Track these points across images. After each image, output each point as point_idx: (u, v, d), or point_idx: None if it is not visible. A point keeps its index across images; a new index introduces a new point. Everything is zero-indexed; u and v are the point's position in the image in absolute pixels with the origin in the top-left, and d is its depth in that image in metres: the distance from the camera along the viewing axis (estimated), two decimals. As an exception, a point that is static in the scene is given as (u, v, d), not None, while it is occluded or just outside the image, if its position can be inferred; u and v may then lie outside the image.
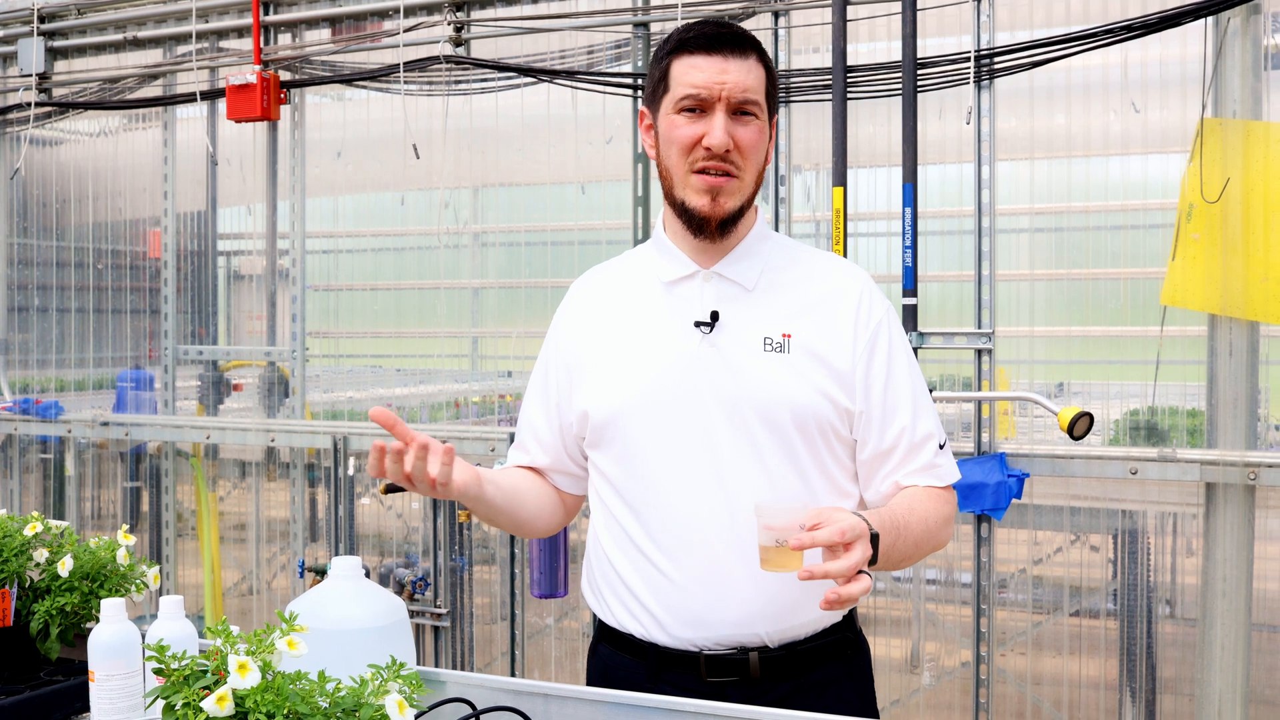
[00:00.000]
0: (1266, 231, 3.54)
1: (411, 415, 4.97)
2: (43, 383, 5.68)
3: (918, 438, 2.03)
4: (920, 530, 1.97)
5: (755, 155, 2.00)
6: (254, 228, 5.23)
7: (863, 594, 1.72)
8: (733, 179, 1.98)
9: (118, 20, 5.28)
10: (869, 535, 1.77)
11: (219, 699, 1.38)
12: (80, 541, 2.23)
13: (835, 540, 1.71)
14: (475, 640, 4.57)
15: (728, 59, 1.96)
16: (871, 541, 1.79)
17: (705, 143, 1.95)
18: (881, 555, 1.85)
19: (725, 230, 2.01)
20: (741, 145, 1.97)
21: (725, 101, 1.95)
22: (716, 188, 1.97)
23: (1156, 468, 3.67)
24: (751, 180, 2.01)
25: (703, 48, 1.97)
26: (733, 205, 1.99)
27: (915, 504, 2.00)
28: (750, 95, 1.97)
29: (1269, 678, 3.75)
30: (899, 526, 1.91)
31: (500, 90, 4.58)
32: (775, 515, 1.77)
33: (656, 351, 2.04)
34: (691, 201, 1.99)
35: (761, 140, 2.00)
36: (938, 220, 4.03)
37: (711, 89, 1.95)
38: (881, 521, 1.87)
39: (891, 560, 1.92)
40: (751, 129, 1.98)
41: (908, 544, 1.94)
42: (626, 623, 2.08)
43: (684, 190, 2.00)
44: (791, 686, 2.00)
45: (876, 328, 2.04)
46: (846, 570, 1.70)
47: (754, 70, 1.99)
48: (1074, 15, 3.81)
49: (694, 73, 1.97)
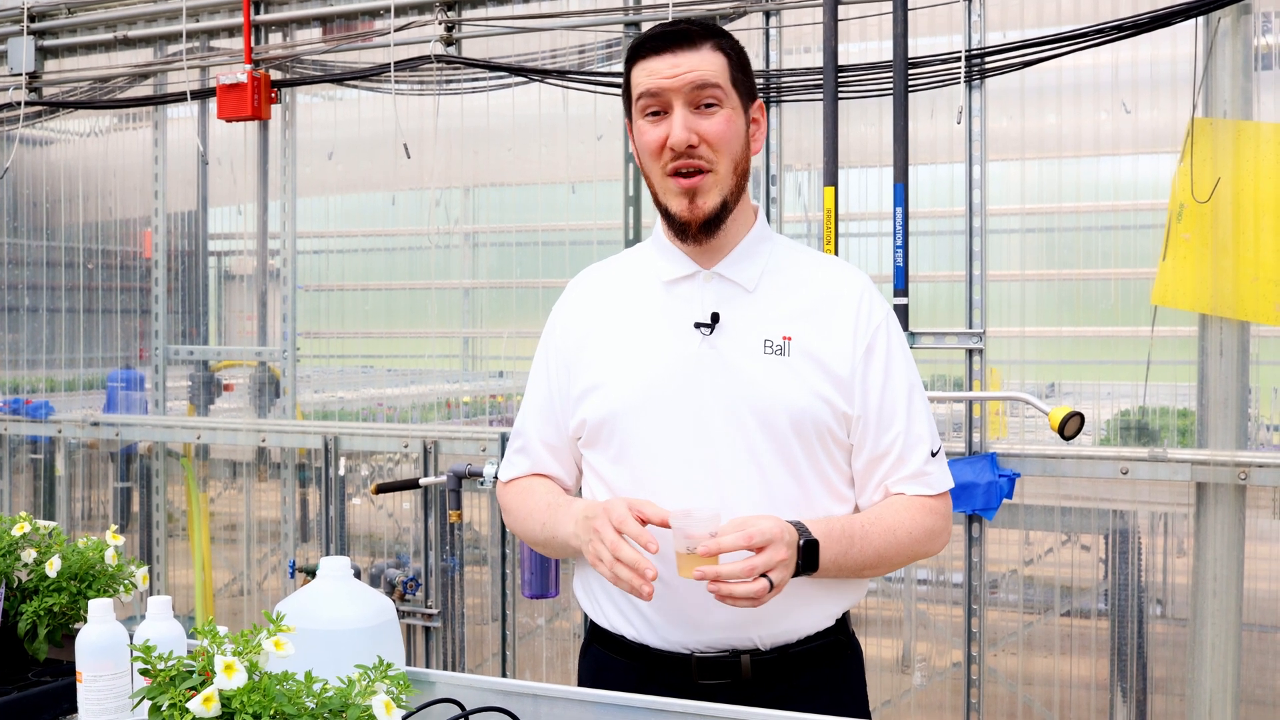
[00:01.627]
0: (1257, 231, 3.54)
1: (403, 416, 4.97)
2: (33, 383, 5.67)
3: (910, 444, 2.02)
4: (884, 539, 1.97)
5: (727, 145, 1.96)
6: (245, 227, 5.22)
7: (753, 595, 1.75)
8: (706, 174, 1.95)
9: (108, 19, 5.27)
10: (793, 541, 1.81)
11: (205, 700, 1.38)
12: (69, 542, 2.22)
13: (741, 545, 1.75)
14: (466, 641, 4.56)
15: (678, 54, 1.94)
16: (808, 548, 1.83)
17: (669, 143, 1.93)
18: (830, 563, 1.88)
19: (710, 231, 1.99)
20: (708, 136, 1.94)
21: (681, 95, 1.93)
22: (692, 189, 1.95)
23: (1147, 468, 3.68)
24: (729, 172, 1.97)
25: (653, 50, 1.96)
26: (711, 204, 1.97)
27: (885, 514, 2.00)
28: (707, 80, 1.94)
29: (1259, 677, 3.76)
30: (852, 536, 1.93)
31: (491, 90, 4.57)
32: (691, 523, 1.78)
33: (656, 352, 2.03)
34: (672, 207, 1.98)
35: (731, 128, 1.96)
36: (929, 220, 4.03)
37: (663, 85, 1.94)
38: (829, 530, 1.90)
39: (846, 568, 1.94)
40: (716, 119, 1.95)
41: (866, 554, 1.95)
42: (618, 624, 2.07)
43: (664, 196, 1.99)
44: (783, 690, 1.99)
45: (875, 332, 2.02)
46: (741, 572, 1.74)
47: (709, 58, 1.96)
48: (1065, 15, 3.82)
49: (646, 76, 1.96)
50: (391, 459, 4.86)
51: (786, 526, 1.81)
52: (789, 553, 1.79)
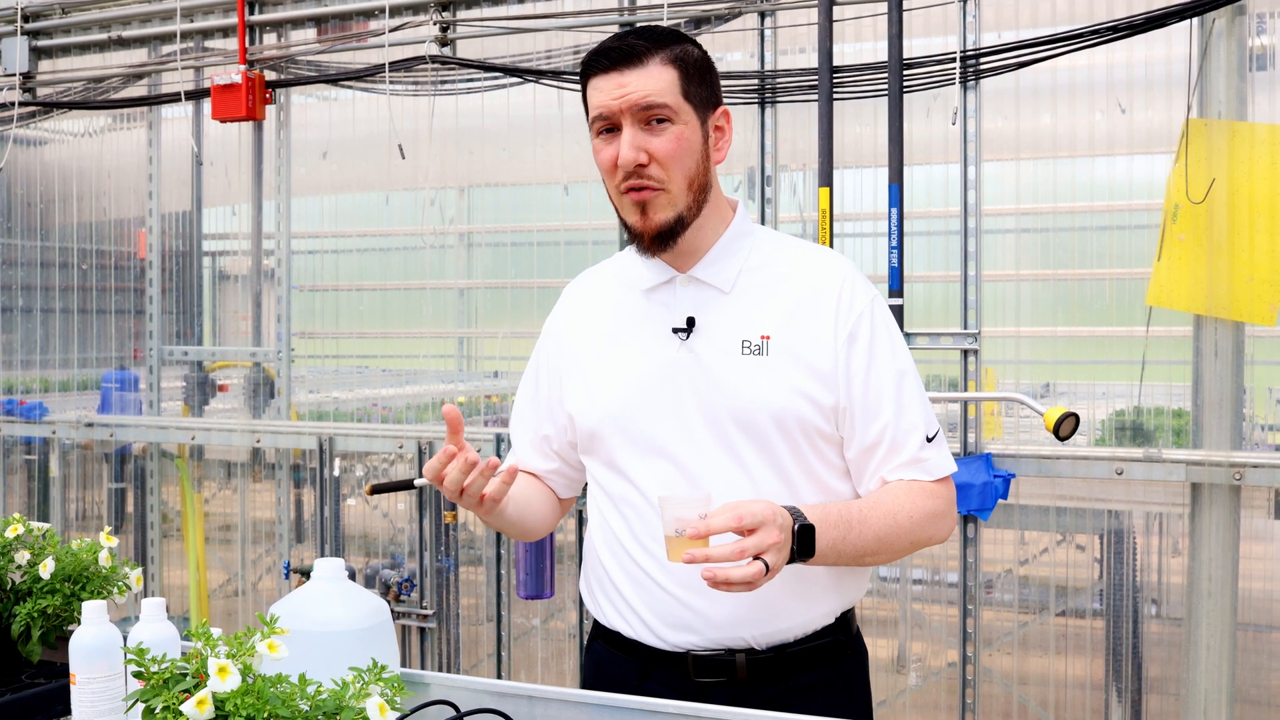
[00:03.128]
0: (1251, 232, 3.54)
1: (398, 416, 4.96)
2: (27, 383, 5.66)
3: (901, 432, 1.99)
4: (884, 524, 1.94)
5: (678, 162, 1.94)
6: (239, 228, 5.21)
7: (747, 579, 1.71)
8: (656, 191, 1.94)
9: (102, 20, 5.26)
10: (785, 525, 1.78)
11: (199, 702, 1.37)
12: (63, 543, 2.22)
13: (731, 526, 1.72)
14: (462, 641, 4.56)
15: (624, 72, 1.93)
16: (804, 533, 1.80)
17: (618, 162, 1.93)
18: (828, 548, 1.86)
19: (663, 244, 1.98)
20: (657, 155, 1.93)
21: (629, 115, 1.92)
22: (642, 202, 1.95)
23: (1142, 468, 3.68)
24: (682, 189, 1.96)
25: (601, 68, 1.95)
26: (664, 218, 1.95)
27: (883, 498, 1.98)
28: (653, 100, 1.92)
29: (1254, 677, 3.76)
30: (850, 521, 1.90)
31: (486, 90, 4.57)
32: (678, 505, 1.76)
33: (636, 359, 2.04)
34: (628, 219, 1.98)
35: (681, 146, 1.94)
36: (924, 221, 4.03)
37: (611, 106, 1.93)
38: (825, 515, 1.87)
39: (846, 554, 1.91)
40: (665, 136, 1.93)
41: (865, 539, 1.92)
42: (616, 623, 2.08)
43: (621, 210, 2.00)
44: (779, 689, 1.99)
45: (856, 321, 1.99)
46: (731, 554, 1.71)
47: (656, 74, 1.93)
48: (1060, 16, 3.82)
49: (596, 95, 1.95)
50: (386, 459, 4.85)
51: (779, 509, 1.79)
52: (782, 535, 1.76)
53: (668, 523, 1.77)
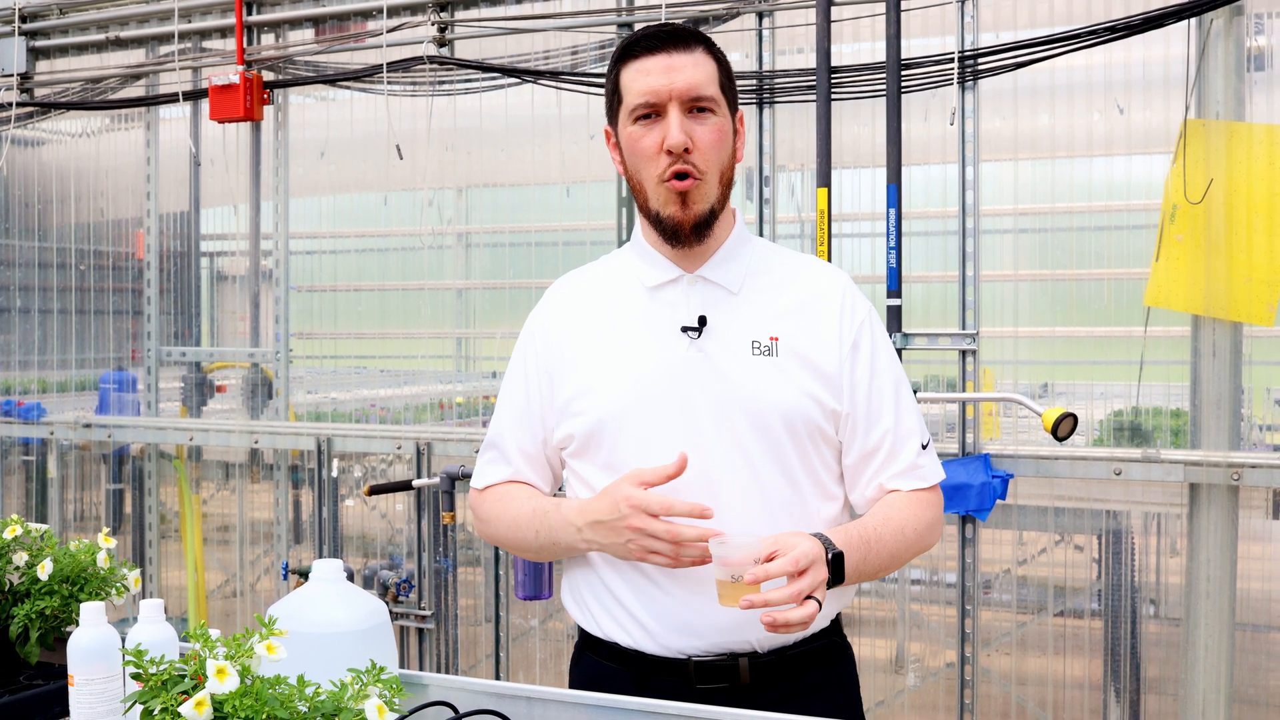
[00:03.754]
0: (1249, 232, 3.55)
1: (396, 417, 4.96)
2: (25, 384, 5.65)
3: (900, 439, 2.03)
4: (895, 541, 1.97)
5: (716, 154, 1.96)
6: (237, 228, 5.21)
7: (806, 619, 1.74)
8: (696, 180, 1.95)
9: (100, 20, 5.26)
10: (825, 558, 1.80)
11: (197, 704, 1.37)
12: (61, 544, 2.22)
13: (789, 570, 1.75)
14: (460, 642, 4.55)
15: (673, 55, 1.94)
16: (835, 561, 1.82)
17: (666, 145, 1.92)
18: (852, 571, 1.88)
19: (700, 235, 1.99)
20: (700, 144, 1.94)
21: (677, 100, 1.93)
22: (684, 192, 1.95)
23: (1140, 468, 3.68)
24: (716, 180, 1.98)
25: (647, 50, 1.95)
26: (702, 208, 1.97)
27: (892, 513, 2.00)
28: (703, 90, 1.94)
29: (1252, 677, 3.76)
30: (869, 541, 1.93)
31: (484, 91, 4.57)
32: (731, 550, 1.78)
33: (643, 357, 2.02)
34: (665, 211, 1.98)
35: (721, 138, 1.97)
36: (922, 221, 4.03)
37: (659, 91, 1.93)
38: (849, 539, 1.89)
39: (865, 573, 1.94)
40: (709, 126, 1.95)
41: (882, 556, 1.95)
42: (613, 632, 2.06)
43: (656, 202, 1.98)
44: (780, 692, 1.99)
45: (859, 329, 2.03)
46: (789, 597, 1.73)
47: (703, 64, 1.95)
48: (1058, 16, 3.82)
49: (642, 77, 1.95)
50: (385, 460, 4.85)
51: (818, 543, 1.81)
52: (827, 572, 1.80)
53: (718, 568, 1.79)
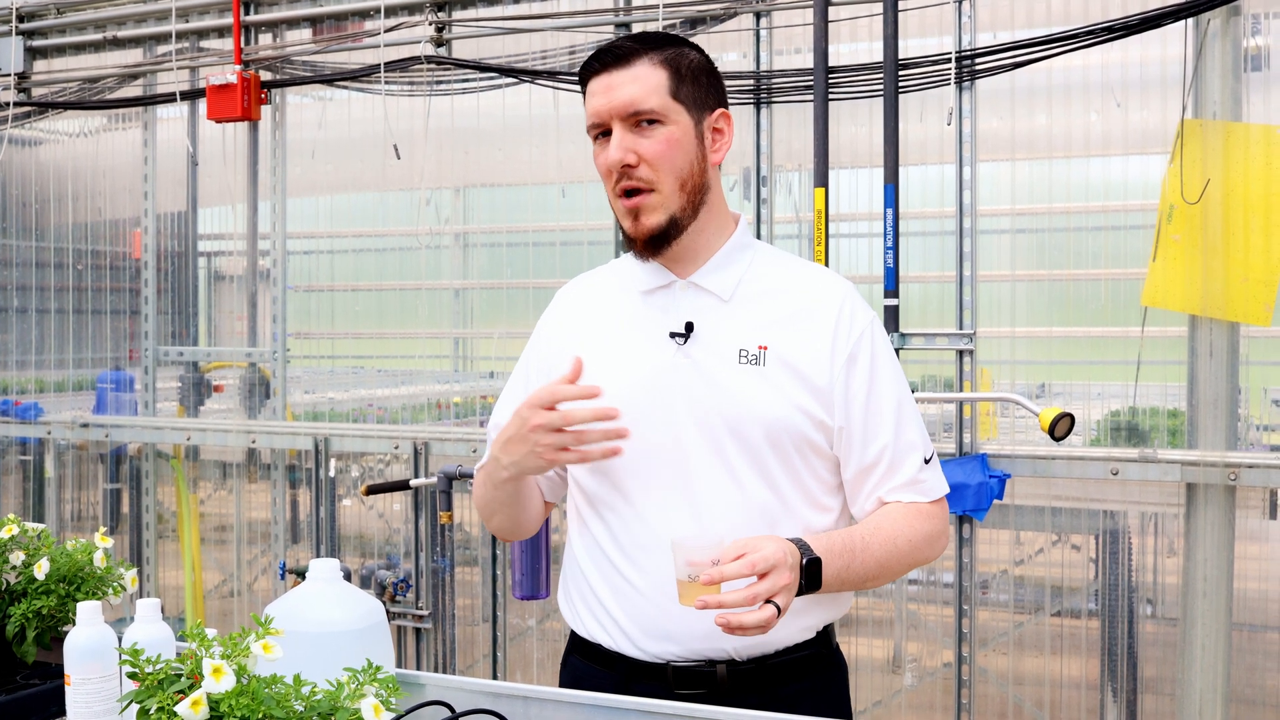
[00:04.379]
0: (1246, 233, 3.55)
1: (393, 416, 4.96)
2: (22, 384, 5.65)
3: (900, 453, 2.01)
4: (884, 550, 1.96)
5: (667, 163, 1.94)
6: (235, 228, 5.21)
7: (762, 623, 1.72)
8: (646, 194, 1.94)
9: (97, 20, 5.26)
10: (795, 564, 1.79)
11: (193, 703, 1.37)
12: (58, 544, 2.22)
13: (745, 573, 1.72)
14: (457, 642, 4.55)
15: (611, 74, 1.94)
16: (811, 566, 1.81)
17: (607, 164, 1.94)
18: (833, 578, 1.86)
19: (656, 248, 1.98)
20: (645, 156, 1.93)
21: (616, 118, 1.93)
22: (635, 208, 1.95)
23: (1137, 468, 3.68)
24: (673, 190, 1.95)
25: (593, 72, 1.97)
26: (655, 221, 1.95)
27: (883, 523, 1.99)
28: (641, 104, 1.92)
29: (1249, 677, 3.76)
30: (853, 549, 1.91)
31: (482, 90, 4.56)
32: (693, 550, 1.76)
33: (631, 361, 2.02)
34: (623, 225, 1.99)
35: (671, 147, 1.94)
36: (919, 221, 4.03)
37: (600, 111, 1.94)
38: (830, 546, 1.88)
39: (849, 582, 1.93)
40: (653, 138, 1.93)
41: (868, 565, 1.94)
42: (596, 633, 2.07)
43: (617, 214, 2.00)
44: (760, 700, 1.97)
45: (857, 341, 2.00)
46: (745, 600, 1.71)
47: (644, 76, 1.94)
48: (1055, 16, 3.82)
49: (590, 99, 1.96)
50: (382, 460, 4.85)
51: (789, 548, 1.79)
52: (792, 576, 1.77)
53: (680, 567, 1.77)
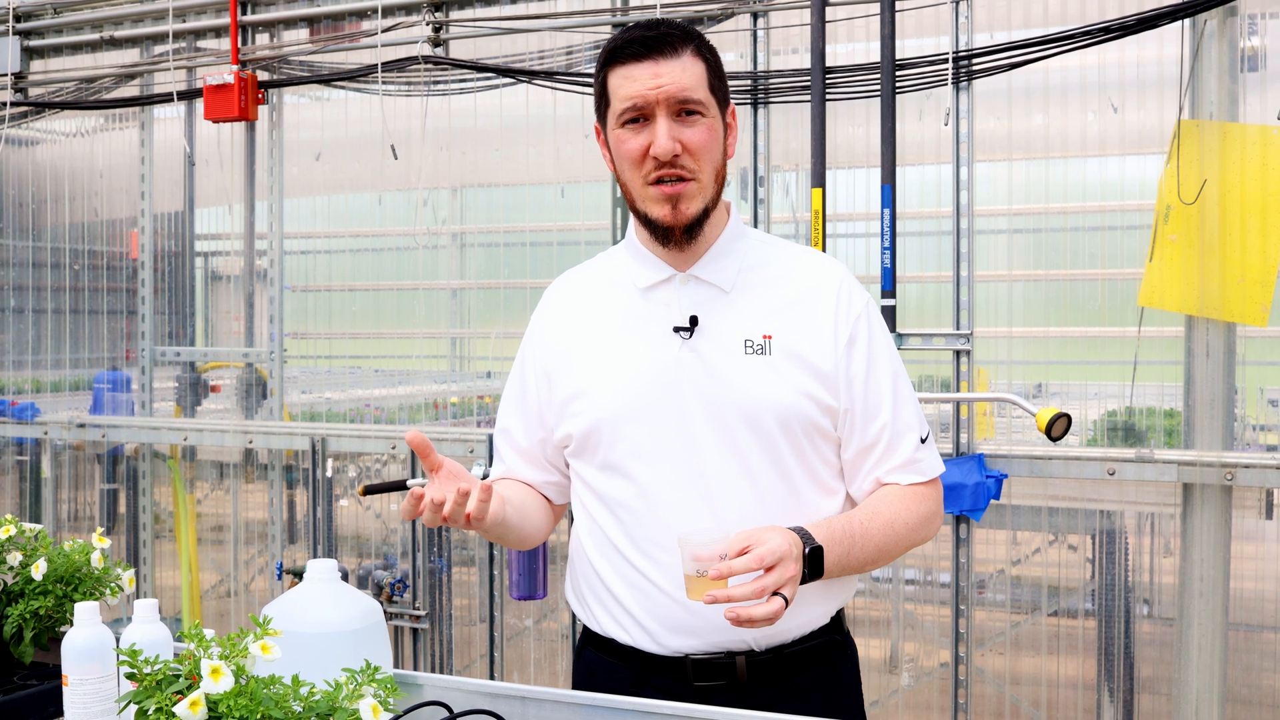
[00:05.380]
0: (1243, 233, 3.55)
1: (390, 416, 4.96)
2: (19, 384, 5.65)
3: (898, 432, 2.02)
4: (883, 534, 1.97)
5: (708, 154, 1.96)
6: (232, 228, 5.20)
7: (770, 615, 1.73)
8: (689, 182, 1.94)
9: (94, 20, 5.25)
10: (801, 553, 1.80)
11: (192, 704, 1.37)
12: (55, 544, 2.22)
13: (752, 567, 1.74)
14: (454, 642, 4.55)
15: (659, 62, 1.93)
16: (813, 556, 1.83)
17: (652, 152, 1.92)
18: (834, 565, 1.88)
19: (692, 235, 1.99)
20: (691, 146, 1.93)
21: (665, 105, 1.92)
22: (675, 195, 1.94)
23: (1134, 468, 3.69)
24: (710, 180, 1.98)
25: (633, 56, 1.94)
26: (694, 209, 1.96)
27: (881, 507, 2.00)
28: (690, 94, 1.93)
29: (1245, 677, 3.77)
30: (853, 535, 1.93)
31: (479, 90, 4.56)
32: (699, 545, 1.77)
33: (637, 358, 2.02)
34: (654, 213, 1.97)
35: (712, 137, 1.96)
36: (916, 221, 4.03)
37: (647, 97, 1.92)
38: (831, 533, 1.89)
39: (849, 567, 1.94)
40: (699, 128, 1.94)
41: (868, 550, 1.95)
42: (611, 629, 2.06)
43: (644, 203, 1.98)
44: (778, 691, 1.99)
45: (855, 322, 2.01)
46: (753, 593, 1.72)
47: (690, 66, 1.94)
48: (1052, 17, 3.82)
49: (628, 84, 1.94)
50: (379, 460, 4.85)
51: (793, 539, 1.80)
52: (797, 567, 1.79)
53: (687, 562, 1.78)
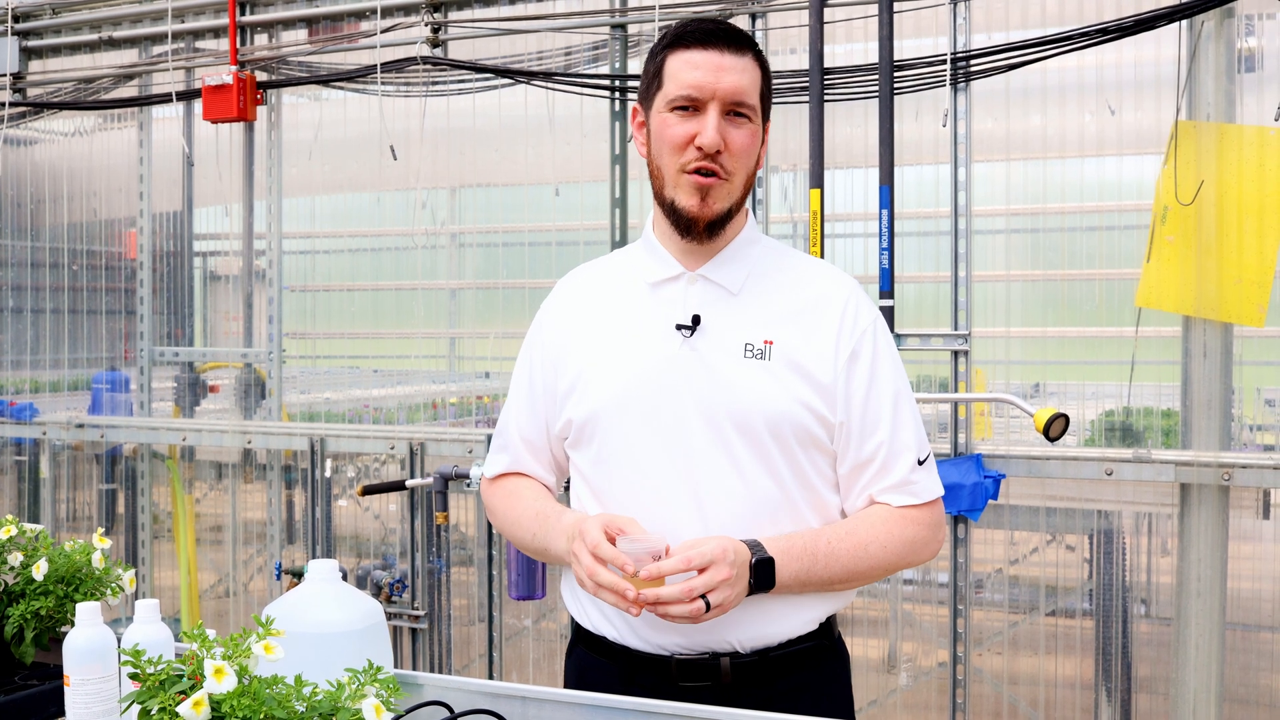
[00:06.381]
0: (1240, 233, 3.56)
1: (389, 416, 4.96)
2: (17, 384, 5.64)
3: (894, 452, 2.01)
4: (853, 555, 1.97)
5: (746, 158, 1.97)
6: (230, 228, 5.20)
7: (690, 615, 1.81)
8: (722, 181, 1.95)
9: (93, 20, 5.25)
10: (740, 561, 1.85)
11: (195, 704, 1.37)
12: (55, 544, 2.22)
13: (680, 568, 1.81)
14: (453, 642, 4.56)
15: (724, 54, 1.94)
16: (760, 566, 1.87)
17: (698, 142, 1.93)
18: (791, 579, 1.91)
19: (713, 232, 2.00)
20: (733, 147, 1.94)
21: (719, 101, 1.93)
22: (706, 188, 1.95)
23: (1131, 468, 3.69)
24: (741, 183, 1.99)
25: (699, 42, 1.95)
26: (721, 207, 1.97)
27: (858, 527, 2.00)
28: (745, 97, 1.95)
29: (1243, 676, 3.77)
30: (815, 554, 1.94)
31: (478, 91, 4.57)
32: (634, 547, 1.84)
33: (637, 353, 2.03)
34: (681, 201, 1.97)
35: (754, 143, 1.98)
36: (914, 221, 4.04)
37: (704, 87, 1.93)
38: (789, 548, 1.92)
39: (813, 584, 1.95)
40: (745, 131, 1.96)
41: (833, 569, 1.95)
42: (601, 625, 2.07)
43: (674, 190, 1.98)
44: (764, 693, 1.99)
45: (860, 338, 2.01)
46: (678, 595, 1.80)
47: (749, 70, 1.96)
48: (1050, 17, 3.83)
49: (689, 70, 1.94)
50: (378, 460, 4.85)
51: (734, 547, 1.85)
52: (732, 571, 1.82)
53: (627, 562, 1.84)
